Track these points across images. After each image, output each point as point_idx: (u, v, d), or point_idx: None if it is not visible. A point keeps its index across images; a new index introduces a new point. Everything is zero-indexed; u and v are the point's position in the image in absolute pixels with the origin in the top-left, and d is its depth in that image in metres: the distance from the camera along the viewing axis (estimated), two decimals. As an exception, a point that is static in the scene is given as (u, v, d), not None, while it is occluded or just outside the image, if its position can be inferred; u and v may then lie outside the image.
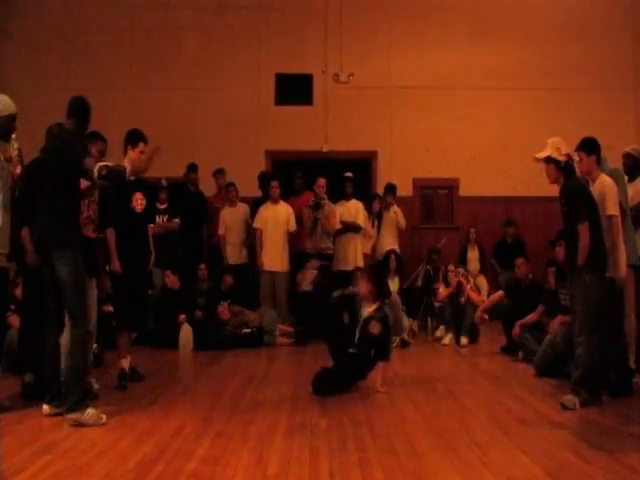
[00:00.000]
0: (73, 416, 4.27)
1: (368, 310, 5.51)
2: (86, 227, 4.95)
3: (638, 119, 10.59)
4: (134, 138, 5.68)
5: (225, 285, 8.31)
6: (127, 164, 5.69)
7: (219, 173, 9.40)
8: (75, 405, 4.29)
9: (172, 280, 8.03)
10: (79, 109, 4.73)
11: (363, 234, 8.76)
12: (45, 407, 4.52)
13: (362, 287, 5.65)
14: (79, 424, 4.23)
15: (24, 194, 4.92)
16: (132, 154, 5.67)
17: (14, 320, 5.90)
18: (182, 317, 7.71)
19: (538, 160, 5.00)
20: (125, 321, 5.74)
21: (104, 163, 4.53)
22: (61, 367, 4.44)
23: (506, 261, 9.19)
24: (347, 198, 8.69)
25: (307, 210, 8.40)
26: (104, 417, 4.33)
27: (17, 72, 10.07)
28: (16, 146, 5.13)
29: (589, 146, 5.16)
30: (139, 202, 5.75)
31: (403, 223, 9.44)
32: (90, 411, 4.31)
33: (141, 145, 5.67)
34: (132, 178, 5.72)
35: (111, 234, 5.50)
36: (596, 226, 4.83)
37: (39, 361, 4.73)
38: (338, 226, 8.45)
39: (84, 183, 5.01)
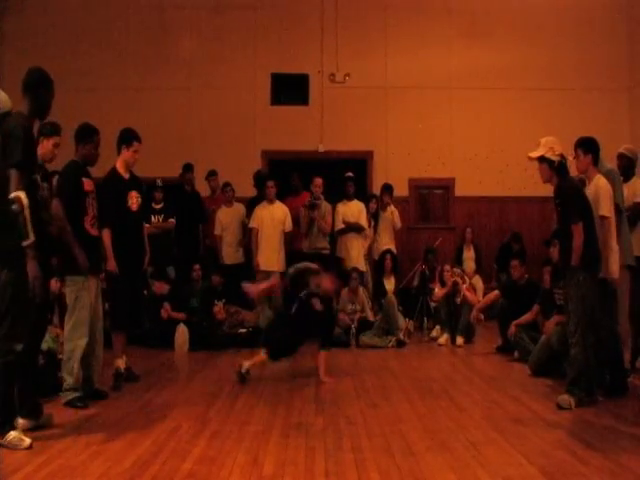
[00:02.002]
0: (3, 441, 3.80)
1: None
2: (92, 226, 4.99)
3: (633, 119, 10.62)
4: (128, 138, 5.67)
5: (214, 284, 8.28)
6: (120, 163, 5.70)
7: (211, 175, 9.39)
8: None
9: (159, 286, 8.02)
10: (32, 84, 4.09)
11: (363, 235, 8.75)
12: (21, 421, 4.06)
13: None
14: (4, 447, 3.79)
15: None
16: (126, 153, 5.67)
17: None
18: (163, 314, 7.72)
19: (531, 159, 5.00)
20: (121, 321, 5.72)
21: (19, 197, 3.72)
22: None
23: (507, 266, 9.23)
24: (349, 198, 8.69)
25: (303, 210, 8.41)
26: (27, 441, 3.80)
27: (12, 72, 10.05)
28: None
29: (586, 145, 5.16)
30: (135, 201, 5.70)
31: (399, 223, 9.45)
32: (13, 434, 3.80)
33: (135, 144, 5.67)
34: (127, 177, 5.73)
35: (107, 234, 5.43)
36: (590, 226, 4.83)
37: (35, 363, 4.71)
38: (341, 225, 8.47)
39: (88, 183, 5.02)
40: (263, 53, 10.66)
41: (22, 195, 3.71)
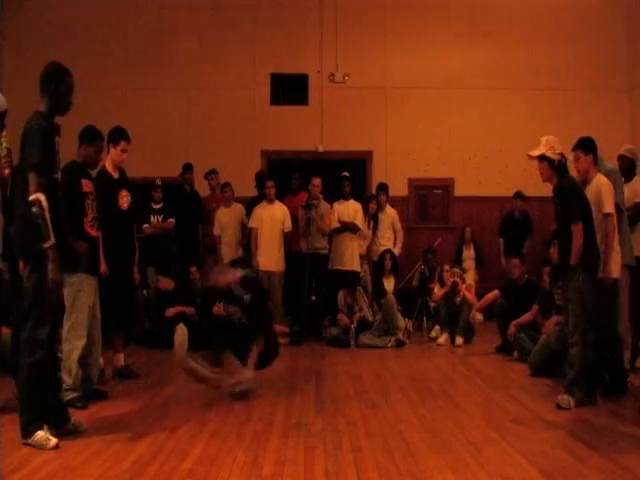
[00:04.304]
0: (30, 441, 3.80)
1: None
2: (91, 227, 4.99)
3: (632, 119, 10.62)
4: (116, 136, 5.68)
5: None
6: (108, 162, 5.70)
7: (211, 174, 9.37)
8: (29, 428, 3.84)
9: (165, 282, 8.00)
10: (47, 79, 3.98)
11: (359, 235, 8.74)
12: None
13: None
14: (31, 446, 3.81)
15: (12, 197, 4.78)
16: (113, 152, 5.67)
17: (7, 320, 5.86)
18: (171, 311, 7.70)
19: (531, 158, 4.99)
20: (112, 321, 5.62)
21: (38, 199, 3.68)
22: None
23: (512, 238, 9.55)
24: (345, 198, 8.69)
25: (301, 210, 8.41)
26: (53, 441, 3.79)
27: (10, 71, 10.03)
28: (5, 145, 5.01)
29: (586, 145, 5.16)
30: (125, 200, 5.71)
31: (398, 225, 9.38)
32: (40, 434, 3.80)
33: (123, 143, 5.68)
34: (116, 176, 5.73)
35: (98, 235, 5.43)
36: (589, 226, 4.83)
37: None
38: (336, 225, 8.45)
39: (87, 184, 5.01)
40: (263, 53, 10.66)
41: (42, 197, 3.69)
